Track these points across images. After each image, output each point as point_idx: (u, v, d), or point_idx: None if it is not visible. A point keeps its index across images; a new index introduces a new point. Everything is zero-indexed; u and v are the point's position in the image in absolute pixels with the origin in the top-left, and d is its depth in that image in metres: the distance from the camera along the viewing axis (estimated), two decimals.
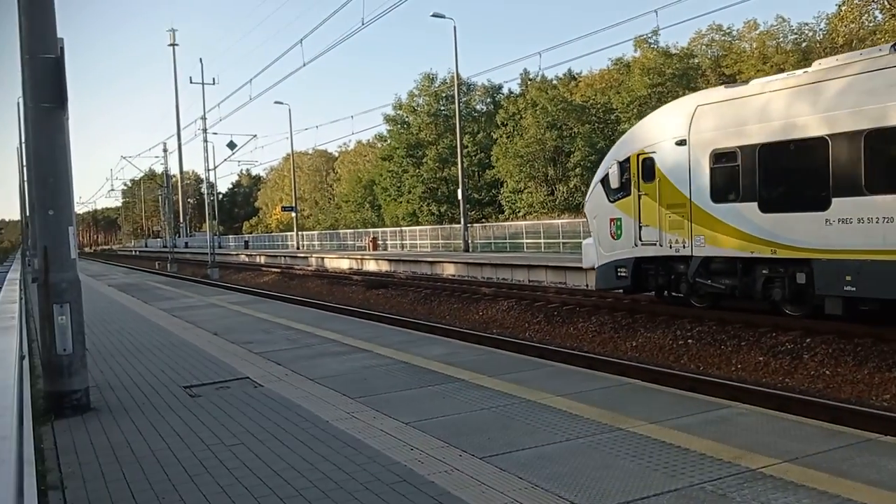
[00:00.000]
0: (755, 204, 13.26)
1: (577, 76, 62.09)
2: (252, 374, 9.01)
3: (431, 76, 65.84)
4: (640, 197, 15.45)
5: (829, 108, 12.02)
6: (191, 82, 59.50)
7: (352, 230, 65.89)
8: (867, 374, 11.08)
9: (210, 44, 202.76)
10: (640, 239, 15.51)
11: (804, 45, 50.38)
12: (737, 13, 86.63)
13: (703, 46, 55.25)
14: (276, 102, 68.18)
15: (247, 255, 65.45)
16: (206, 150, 47.32)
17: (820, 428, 5.88)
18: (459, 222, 41.65)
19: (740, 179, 13.47)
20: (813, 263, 12.39)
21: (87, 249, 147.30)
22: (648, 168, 15.25)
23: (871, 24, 41.90)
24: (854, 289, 11.77)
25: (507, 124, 58.11)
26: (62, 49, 7.46)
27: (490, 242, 42.39)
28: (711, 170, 13.97)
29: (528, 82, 60.19)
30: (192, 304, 18.90)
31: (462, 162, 41.91)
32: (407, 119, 67.62)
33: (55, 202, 7.53)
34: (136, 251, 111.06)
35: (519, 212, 55.45)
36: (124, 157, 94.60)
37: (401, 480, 5.01)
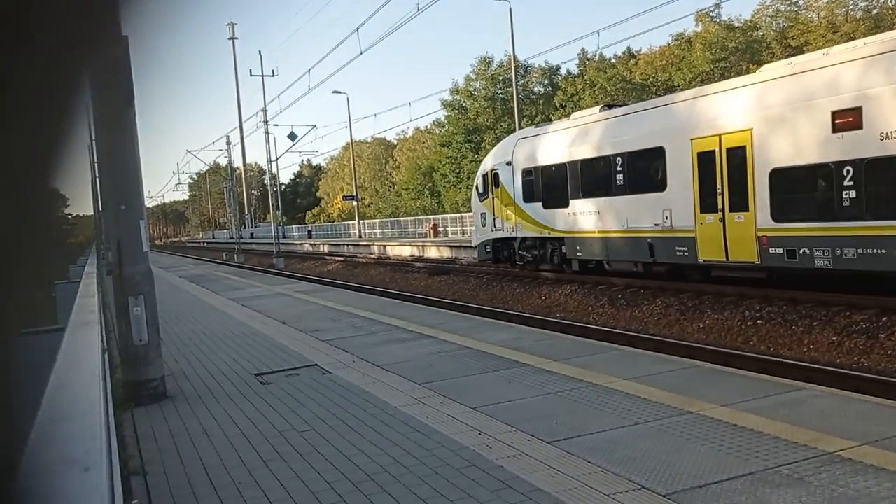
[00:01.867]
0: (541, 203, 20.94)
1: (636, 54, 60.66)
2: (320, 362, 9.17)
3: (488, 60, 65.40)
4: (493, 198, 23.29)
5: (566, 145, 19.74)
6: (251, 75, 60.49)
7: (412, 217, 66.08)
8: None
9: (268, 36, 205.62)
10: (495, 226, 23.32)
11: (875, 12, 48.31)
12: None
13: (768, 18, 53.41)
14: (334, 92, 68.49)
15: (310, 244, 66.39)
16: (267, 141, 47.96)
17: None
18: None
19: (534, 187, 21.18)
20: (565, 239, 20.11)
21: (157, 242, 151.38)
22: (496, 179, 23.10)
23: None
24: (581, 254, 19.53)
25: (565, 106, 57.29)
26: (127, 48, 7.65)
27: None
28: (523, 181, 21.67)
29: (587, 62, 59.25)
30: (260, 294, 19.32)
31: None
32: (464, 104, 67.28)
33: (126, 197, 7.77)
34: (203, 243, 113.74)
35: None
36: (189, 151, 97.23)
37: (470, 465, 5.04)
